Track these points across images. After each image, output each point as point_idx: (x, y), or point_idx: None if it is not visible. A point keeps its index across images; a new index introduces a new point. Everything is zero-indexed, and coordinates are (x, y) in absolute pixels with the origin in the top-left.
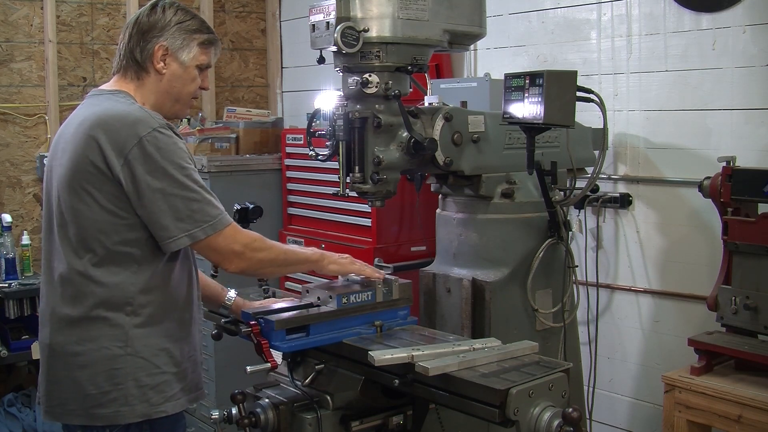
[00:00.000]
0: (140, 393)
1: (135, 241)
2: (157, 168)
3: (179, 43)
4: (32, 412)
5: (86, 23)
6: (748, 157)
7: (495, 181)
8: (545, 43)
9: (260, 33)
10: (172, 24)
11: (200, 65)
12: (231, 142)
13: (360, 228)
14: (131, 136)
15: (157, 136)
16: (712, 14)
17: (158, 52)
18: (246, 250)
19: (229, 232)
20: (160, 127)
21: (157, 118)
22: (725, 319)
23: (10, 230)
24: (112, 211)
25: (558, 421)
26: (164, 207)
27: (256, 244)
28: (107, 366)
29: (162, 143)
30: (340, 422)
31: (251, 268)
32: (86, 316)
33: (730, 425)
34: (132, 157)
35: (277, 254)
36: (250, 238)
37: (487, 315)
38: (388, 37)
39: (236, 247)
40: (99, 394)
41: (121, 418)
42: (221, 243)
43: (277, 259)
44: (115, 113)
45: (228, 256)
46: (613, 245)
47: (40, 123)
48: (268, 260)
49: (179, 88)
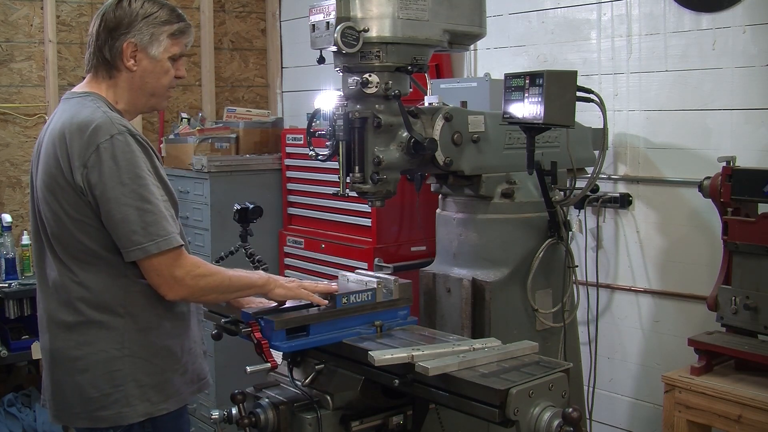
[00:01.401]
0: (141, 393)
1: (113, 247)
2: (112, 176)
3: (148, 38)
4: (32, 412)
5: (86, 23)
6: (748, 157)
7: (495, 181)
8: (545, 43)
9: (260, 33)
10: (139, 18)
11: (173, 56)
12: (231, 142)
13: (360, 228)
14: (91, 144)
15: (115, 143)
16: (712, 14)
17: (127, 49)
18: (186, 276)
19: (175, 255)
20: (118, 134)
21: (117, 124)
22: (725, 319)
23: (10, 230)
24: (81, 220)
25: (558, 421)
26: (118, 217)
27: (199, 270)
28: (106, 368)
29: (118, 150)
30: (340, 422)
31: (192, 296)
32: (81, 320)
33: (730, 425)
34: (90, 165)
35: (221, 281)
36: (192, 264)
37: (487, 315)
38: (388, 37)
39: (177, 273)
40: (101, 396)
41: (123, 418)
42: (165, 266)
43: (221, 286)
44: (78, 121)
45: (168, 281)
46: (613, 245)
47: (40, 123)
48: (210, 287)
49: (153, 82)
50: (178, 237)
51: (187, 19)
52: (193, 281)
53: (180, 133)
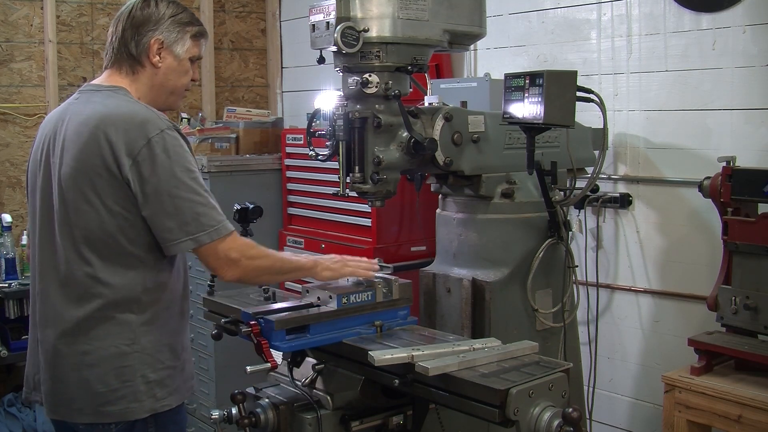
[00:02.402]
0: (147, 389)
1: (141, 242)
2: (165, 170)
3: (174, 36)
4: (32, 412)
5: (86, 23)
6: (748, 157)
7: (495, 181)
8: (545, 43)
9: (260, 33)
10: (167, 17)
11: (192, 57)
12: (231, 142)
13: (360, 228)
14: (140, 137)
15: (166, 137)
16: (712, 14)
17: (154, 45)
18: (242, 258)
19: (230, 240)
20: (168, 129)
21: (164, 119)
22: (725, 319)
23: (10, 230)
24: (118, 212)
25: (558, 421)
26: (170, 209)
27: (253, 252)
28: (116, 364)
29: (170, 145)
30: (340, 422)
31: (247, 277)
32: (94, 316)
33: (730, 425)
34: (141, 158)
35: (273, 262)
36: (247, 246)
37: (487, 315)
38: (388, 37)
39: (233, 255)
40: (108, 391)
41: (130, 414)
42: (221, 250)
43: (273, 267)
44: (123, 113)
45: (225, 263)
46: (613, 245)
47: (40, 123)
48: (263, 268)
49: (174, 80)
50: (227, 223)
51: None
52: (249, 262)
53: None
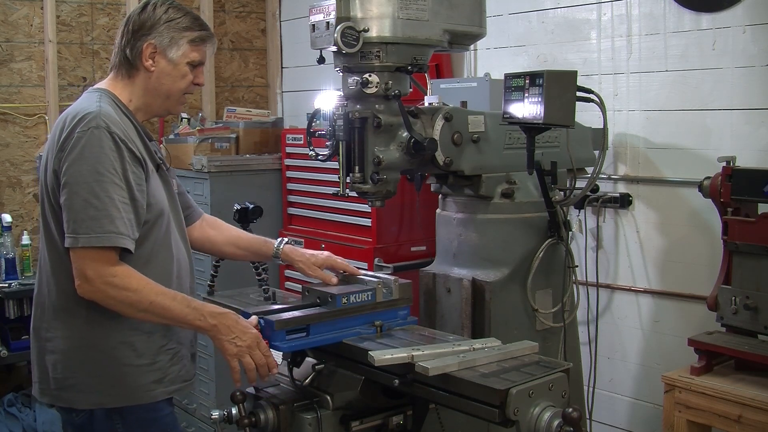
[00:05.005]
0: (95, 383)
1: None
2: (75, 165)
3: (167, 41)
4: (32, 412)
5: (86, 23)
6: (748, 157)
7: (495, 181)
8: (545, 43)
9: (260, 33)
10: (161, 22)
11: (192, 62)
12: (231, 142)
13: (360, 228)
14: (71, 131)
15: (90, 135)
16: (712, 14)
17: (146, 50)
18: (97, 279)
19: (98, 254)
20: (96, 128)
21: (102, 119)
22: (725, 319)
23: (10, 230)
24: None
25: (558, 421)
26: (67, 203)
27: (114, 280)
28: (66, 355)
29: (89, 143)
30: (340, 422)
31: (101, 301)
32: (54, 305)
33: (730, 425)
34: (65, 151)
35: (136, 300)
36: (111, 271)
37: (487, 315)
38: (388, 37)
39: (88, 272)
40: (60, 378)
41: (75, 403)
42: (81, 260)
43: (139, 305)
44: (76, 110)
45: (79, 276)
46: (613, 245)
47: (40, 123)
48: (119, 300)
49: (168, 85)
50: (114, 239)
51: (210, 29)
52: (103, 287)
53: (180, 133)
